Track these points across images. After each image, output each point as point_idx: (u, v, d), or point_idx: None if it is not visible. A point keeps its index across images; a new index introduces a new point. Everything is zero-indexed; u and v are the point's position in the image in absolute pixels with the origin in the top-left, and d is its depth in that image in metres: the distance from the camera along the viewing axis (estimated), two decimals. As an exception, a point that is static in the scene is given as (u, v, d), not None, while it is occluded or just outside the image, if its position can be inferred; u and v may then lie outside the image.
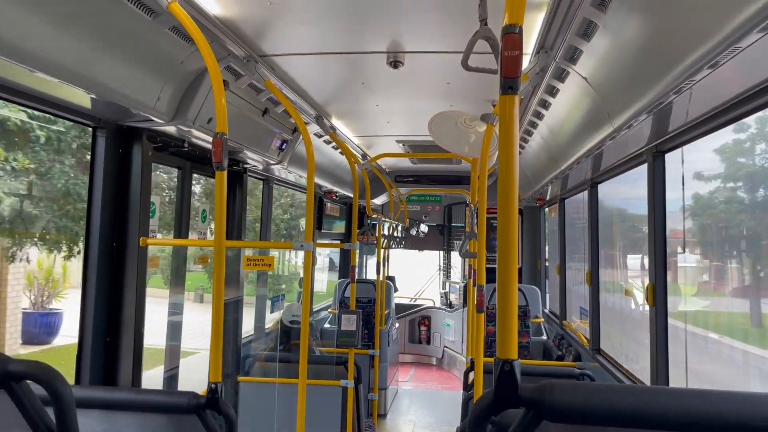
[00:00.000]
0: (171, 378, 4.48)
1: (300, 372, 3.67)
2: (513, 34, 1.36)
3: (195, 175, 4.68)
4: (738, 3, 1.88)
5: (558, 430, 1.46)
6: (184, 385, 4.62)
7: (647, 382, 4.26)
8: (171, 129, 3.79)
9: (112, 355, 3.66)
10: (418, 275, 16.09)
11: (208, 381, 2.46)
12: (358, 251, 6.29)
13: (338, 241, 10.00)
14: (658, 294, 3.96)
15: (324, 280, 11.61)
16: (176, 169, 4.51)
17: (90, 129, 3.62)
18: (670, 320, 3.86)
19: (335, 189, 8.42)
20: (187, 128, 3.68)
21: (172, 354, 4.58)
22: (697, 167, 3.90)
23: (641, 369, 4.62)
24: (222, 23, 3.28)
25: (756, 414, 1.19)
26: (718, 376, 3.86)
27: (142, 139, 3.74)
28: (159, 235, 4.05)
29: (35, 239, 9.67)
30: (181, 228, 4.47)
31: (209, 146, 4.31)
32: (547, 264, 9.78)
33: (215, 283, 2.68)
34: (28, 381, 1.50)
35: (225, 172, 2.64)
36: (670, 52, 2.48)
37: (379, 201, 11.11)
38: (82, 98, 3.11)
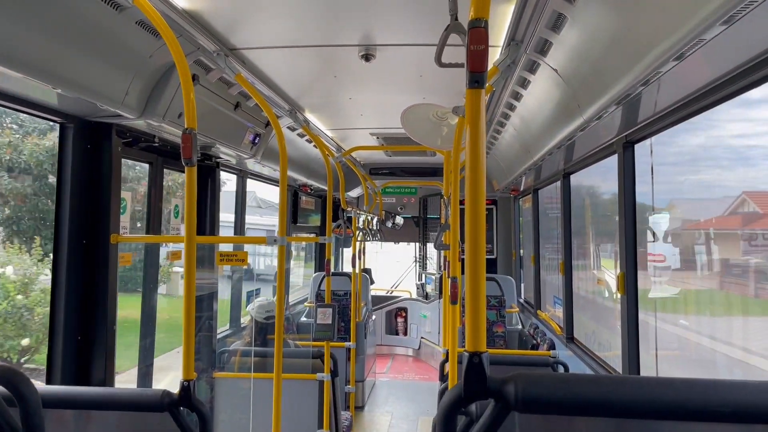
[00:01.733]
0: (145, 375, 4.44)
1: (275, 366, 3.66)
2: (479, 29, 1.36)
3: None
4: None
5: (530, 420, 1.48)
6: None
7: (619, 369, 4.34)
8: (141, 124, 3.74)
9: (84, 354, 3.61)
10: (395, 266, 16.11)
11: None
12: (333, 244, 6.28)
13: (314, 234, 9.98)
14: (628, 282, 4.02)
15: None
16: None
17: (57, 125, 3.56)
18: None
19: (310, 182, 8.39)
20: (158, 123, 3.64)
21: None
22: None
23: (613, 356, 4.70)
24: (190, 17, 3.24)
25: (719, 400, 1.22)
26: None
27: (112, 135, 3.69)
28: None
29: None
30: (152, 224, 4.42)
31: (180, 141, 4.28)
32: (522, 254, 9.86)
33: (186, 279, 2.65)
34: None
35: (195, 168, 2.61)
36: (636, 45, 2.51)
37: (354, 194, 11.10)
38: (48, 94, 3.06)
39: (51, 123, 3.50)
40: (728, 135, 3.44)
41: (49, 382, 3.50)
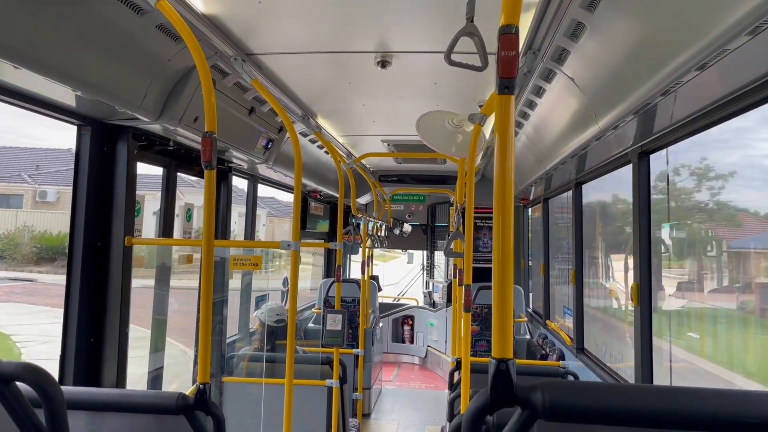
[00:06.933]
0: (155, 378, 4.43)
1: (286, 372, 3.65)
2: (510, 35, 1.36)
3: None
4: (727, 6, 1.90)
5: (551, 429, 1.47)
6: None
7: (630, 380, 4.31)
8: (156, 127, 3.76)
9: (96, 356, 3.62)
10: (396, 275, 16.07)
11: (195, 381, 2.44)
12: (342, 250, 6.29)
13: (322, 240, 9.99)
14: (642, 293, 4.00)
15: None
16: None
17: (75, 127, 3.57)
18: None
19: (320, 188, 8.40)
20: (173, 127, 3.65)
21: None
22: None
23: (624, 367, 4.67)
24: (210, 21, 3.26)
25: (748, 411, 1.21)
26: None
27: (128, 138, 3.71)
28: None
29: None
30: (166, 227, 4.42)
31: (195, 145, 4.29)
32: (530, 263, 9.83)
33: (203, 283, 2.65)
34: (17, 383, 1.47)
35: (214, 171, 2.61)
36: (658, 54, 2.50)
37: (362, 200, 11.10)
38: (67, 96, 3.08)
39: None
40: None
41: (60, 383, 3.50)
